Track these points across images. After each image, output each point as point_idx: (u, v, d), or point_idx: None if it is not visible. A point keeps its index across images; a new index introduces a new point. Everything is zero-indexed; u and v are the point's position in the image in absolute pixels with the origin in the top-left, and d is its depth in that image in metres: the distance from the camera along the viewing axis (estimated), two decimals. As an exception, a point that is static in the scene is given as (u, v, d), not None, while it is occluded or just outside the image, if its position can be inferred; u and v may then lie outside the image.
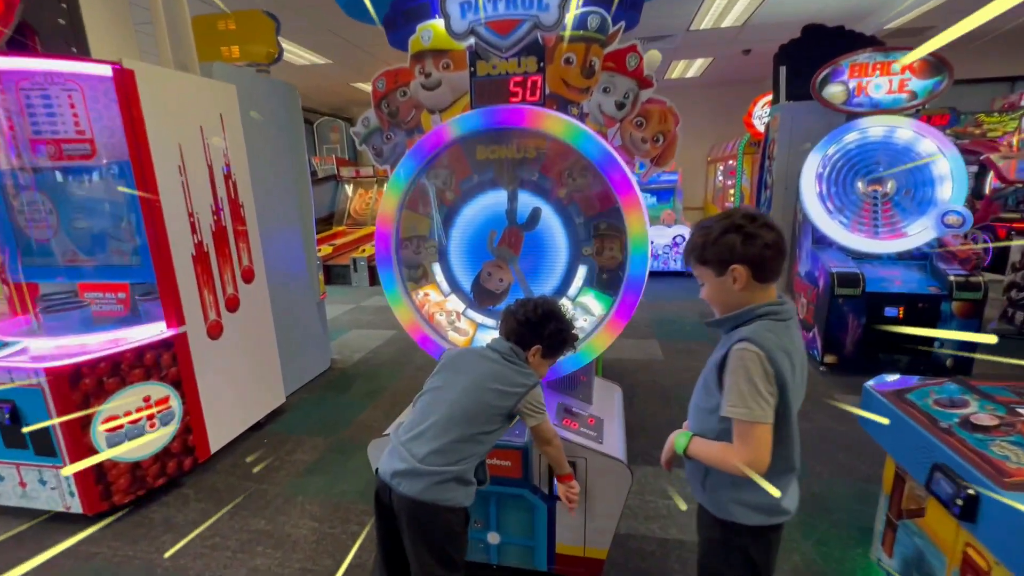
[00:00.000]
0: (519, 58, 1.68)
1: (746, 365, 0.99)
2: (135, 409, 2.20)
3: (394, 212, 1.81)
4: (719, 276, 1.06)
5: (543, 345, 1.37)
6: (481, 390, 1.29)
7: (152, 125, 2.19)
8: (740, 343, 1.01)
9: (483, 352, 1.38)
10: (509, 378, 1.31)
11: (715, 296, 1.10)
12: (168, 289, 2.32)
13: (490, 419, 1.29)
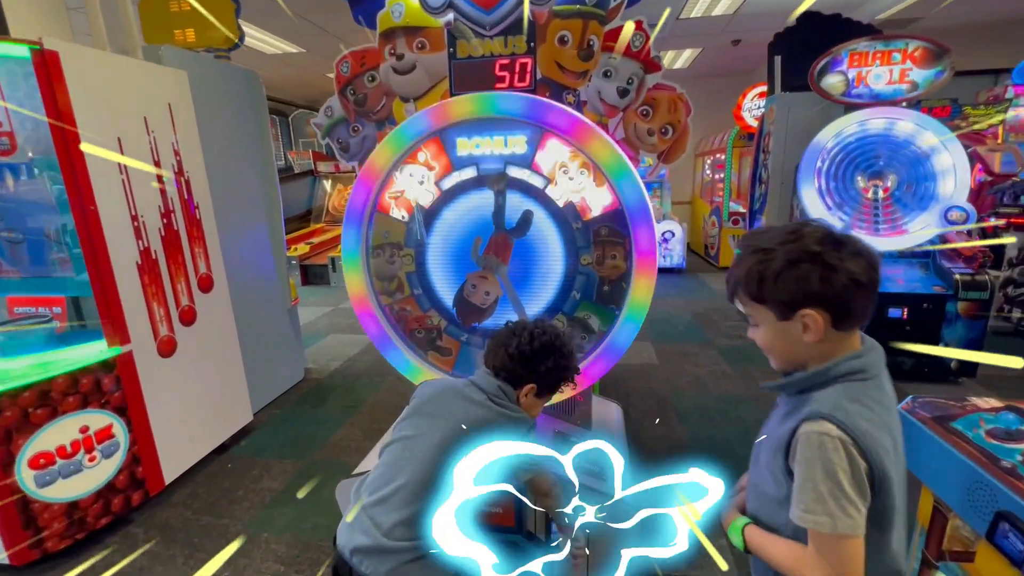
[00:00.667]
0: (506, 37, 1.45)
1: (825, 456, 0.72)
2: (70, 442, 1.92)
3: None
4: (782, 320, 0.78)
5: (538, 383, 1.15)
6: (462, 443, 1.06)
7: (84, 116, 1.90)
8: (814, 422, 0.74)
9: (465, 391, 1.14)
10: (497, 426, 1.09)
11: (774, 345, 0.83)
12: (108, 303, 2.03)
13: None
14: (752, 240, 0.81)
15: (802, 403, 0.79)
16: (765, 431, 0.92)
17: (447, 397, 1.14)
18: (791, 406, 0.83)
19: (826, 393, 0.77)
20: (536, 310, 1.59)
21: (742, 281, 0.80)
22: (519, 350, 1.13)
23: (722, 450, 2.60)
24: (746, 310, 0.84)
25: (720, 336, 4.37)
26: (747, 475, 1.04)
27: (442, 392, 1.17)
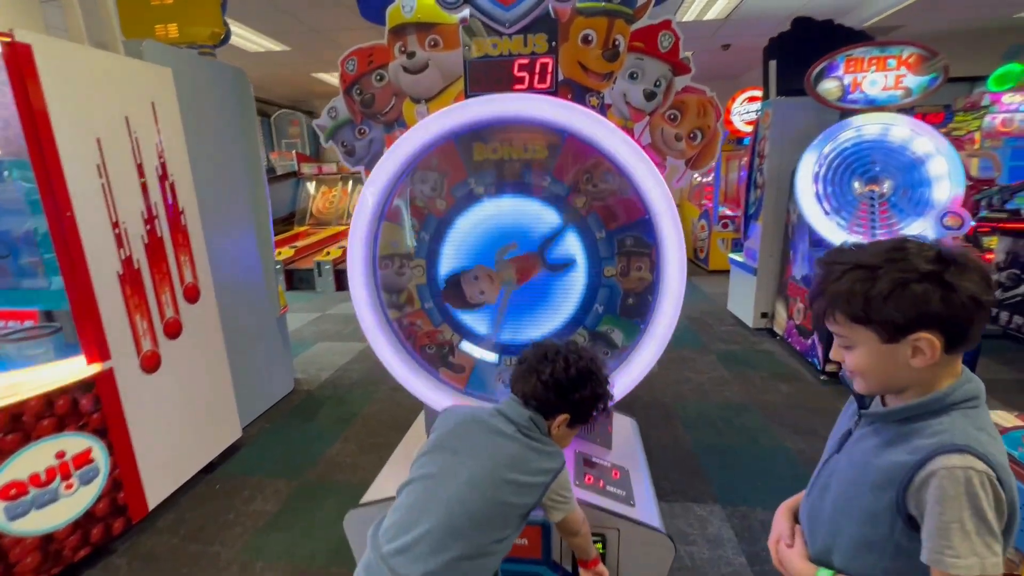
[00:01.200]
0: (525, 35, 1.36)
1: (972, 492, 0.65)
2: (45, 470, 1.77)
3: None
4: (887, 343, 0.71)
5: (572, 413, 1.06)
6: (494, 483, 0.95)
7: (59, 115, 1.76)
8: (954, 455, 0.67)
9: (493, 423, 1.04)
10: (531, 463, 0.99)
11: (872, 368, 0.75)
12: (87, 317, 1.88)
13: (506, 522, 0.96)
14: (846, 257, 0.74)
15: (909, 433, 0.73)
16: (846, 462, 0.83)
17: (473, 429, 1.04)
18: (890, 436, 0.76)
19: (948, 422, 0.71)
20: (556, 324, 1.50)
21: (841, 300, 0.73)
22: (554, 377, 1.03)
23: (730, 459, 2.55)
24: (840, 331, 0.76)
25: (716, 340, 4.35)
26: (801, 514, 0.97)
27: (467, 423, 1.06)
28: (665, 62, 1.36)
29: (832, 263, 0.75)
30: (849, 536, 0.79)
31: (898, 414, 0.76)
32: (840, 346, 0.79)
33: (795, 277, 3.92)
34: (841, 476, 0.83)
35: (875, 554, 0.75)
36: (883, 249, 0.71)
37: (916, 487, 0.70)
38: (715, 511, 2.18)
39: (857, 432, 0.84)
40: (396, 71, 1.47)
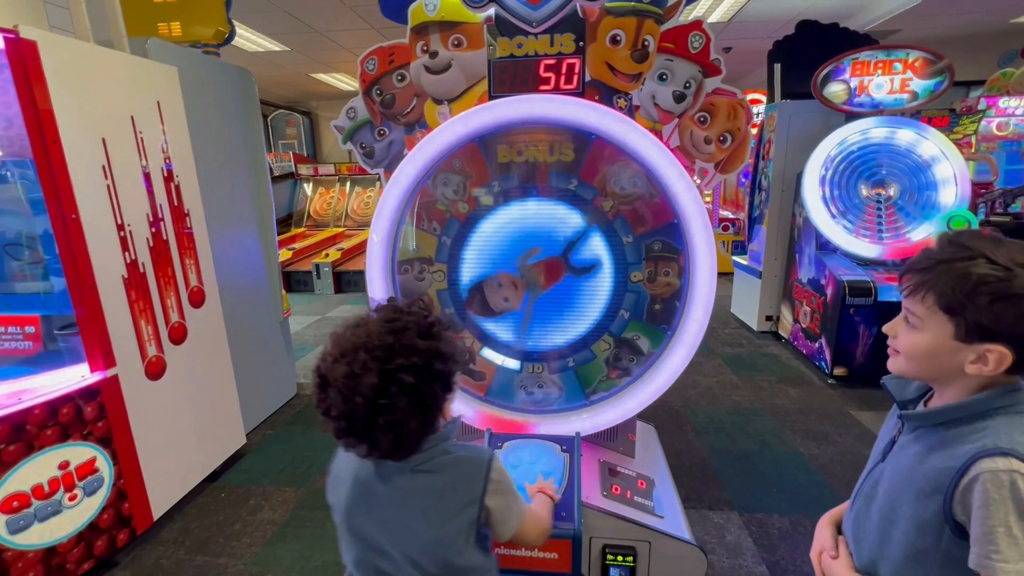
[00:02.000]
0: (552, 35, 1.33)
1: (1018, 495, 0.64)
2: (48, 480, 1.71)
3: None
4: (959, 340, 0.69)
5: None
6: (426, 551, 0.81)
7: (64, 114, 1.70)
8: (997, 458, 0.66)
9: (371, 478, 0.83)
10: (451, 494, 0.82)
11: (929, 356, 0.73)
12: (92, 322, 1.82)
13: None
14: (976, 244, 0.68)
15: (953, 438, 0.71)
16: (891, 471, 0.80)
17: (361, 500, 0.83)
18: (933, 441, 0.74)
19: (993, 425, 0.69)
20: (581, 330, 1.47)
21: (947, 285, 0.68)
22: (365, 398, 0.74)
23: (744, 465, 2.53)
24: (918, 310, 0.73)
25: (721, 344, 4.34)
26: (845, 525, 0.94)
27: (352, 497, 0.84)
28: (695, 63, 1.33)
29: (962, 245, 0.70)
30: (897, 546, 0.76)
31: (939, 416, 0.74)
32: (908, 323, 0.75)
33: (801, 280, 3.91)
34: (886, 486, 0.80)
35: (924, 565, 0.72)
36: (1017, 255, 0.67)
37: (961, 492, 0.68)
38: (732, 518, 2.15)
39: (901, 439, 0.82)
40: (418, 71, 1.43)
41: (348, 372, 0.74)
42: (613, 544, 1.27)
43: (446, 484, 0.81)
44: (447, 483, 0.81)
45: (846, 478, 2.41)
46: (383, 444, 0.76)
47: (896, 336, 0.77)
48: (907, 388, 0.85)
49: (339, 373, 0.75)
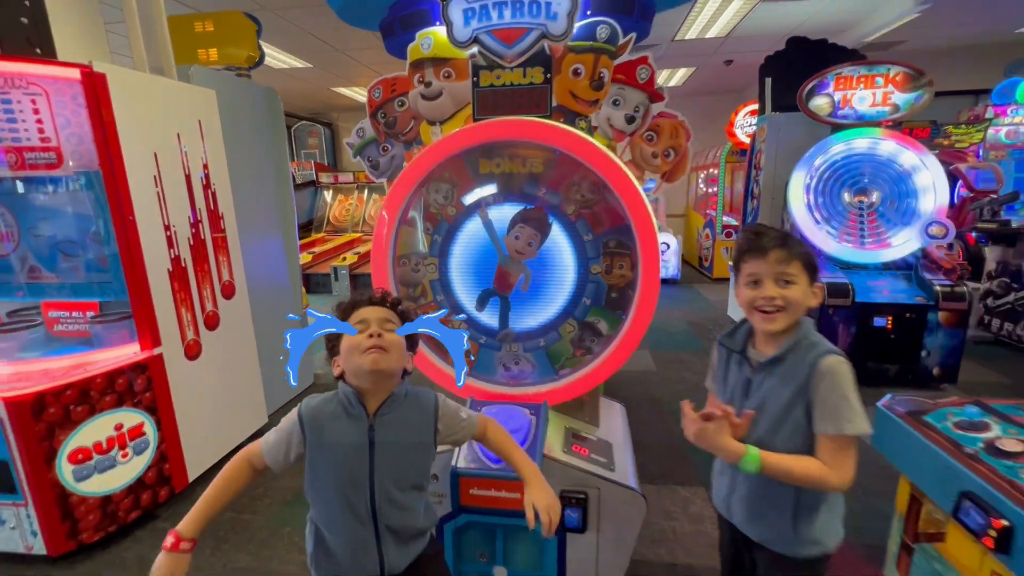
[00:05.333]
0: (524, 68, 1.61)
1: (848, 378, 0.99)
2: (106, 439, 2.03)
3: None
4: (809, 286, 1.05)
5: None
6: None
7: (125, 133, 2.05)
8: (830, 356, 1.01)
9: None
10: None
11: (800, 302, 1.04)
12: (143, 308, 2.16)
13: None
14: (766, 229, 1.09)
15: (796, 360, 1.03)
16: (761, 393, 1.10)
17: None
18: (784, 369, 1.05)
19: (813, 339, 1.04)
20: (551, 314, 1.73)
21: (803, 251, 1.06)
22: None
23: (718, 451, 2.74)
24: (790, 271, 1.04)
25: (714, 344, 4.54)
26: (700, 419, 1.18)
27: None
28: (643, 91, 1.60)
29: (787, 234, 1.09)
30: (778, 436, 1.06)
31: (786, 351, 1.05)
32: (783, 283, 1.04)
33: (788, 283, 4.09)
34: (771, 407, 1.07)
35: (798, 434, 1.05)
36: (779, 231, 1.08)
37: (813, 384, 1.00)
38: (698, 492, 2.38)
39: (757, 378, 1.11)
40: (415, 98, 1.73)
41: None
42: (569, 489, 1.52)
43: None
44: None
45: (811, 462, 2.61)
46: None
47: (778, 296, 1.04)
48: (736, 341, 1.17)
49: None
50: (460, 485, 1.51)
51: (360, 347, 1.01)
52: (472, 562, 1.65)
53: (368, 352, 1.00)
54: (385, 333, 1.03)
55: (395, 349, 1.04)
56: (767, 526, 1.13)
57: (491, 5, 1.55)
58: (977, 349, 4.23)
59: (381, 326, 1.04)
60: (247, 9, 4.06)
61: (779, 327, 1.05)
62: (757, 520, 1.14)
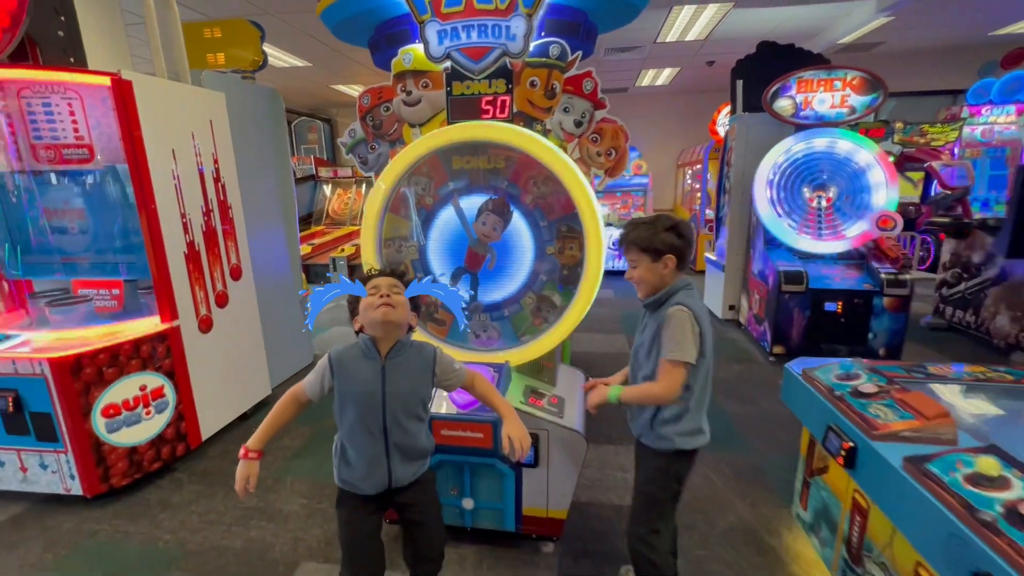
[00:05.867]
0: (490, 80, 1.92)
1: (682, 321, 1.34)
2: (132, 397, 2.35)
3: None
4: (654, 262, 1.40)
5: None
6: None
7: (148, 132, 2.35)
8: (674, 307, 1.36)
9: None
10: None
11: (647, 276, 1.42)
12: (163, 285, 2.47)
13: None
14: (635, 222, 1.42)
15: (661, 308, 1.39)
16: (643, 333, 1.50)
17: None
18: (655, 315, 1.42)
19: (676, 298, 1.38)
20: (512, 289, 2.04)
21: (637, 239, 1.39)
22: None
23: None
24: (633, 257, 1.41)
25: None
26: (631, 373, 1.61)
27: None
28: (588, 100, 1.90)
29: (629, 224, 1.42)
30: (643, 365, 1.49)
31: (656, 301, 1.43)
32: (632, 266, 1.43)
33: (754, 272, 4.41)
34: (643, 346, 1.49)
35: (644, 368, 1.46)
36: (650, 218, 1.37)
37: (662, 326, 1.37)
38: (651, 451, 2.69)
39: (645, 321, 1.50)
40: (398, 104, 2.03)
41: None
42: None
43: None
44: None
45: (755, 428, 2.93)
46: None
47: (630, 277, 1.46)
48: (647, 300, 1.48)
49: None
50: (432, 427, 1.82)
51: (373, 305, 1.31)
52: (445, 495, 1.97)
53: (379, 308, 1.30)
54: (393, 295, 1.34)
55: (401, 306, 1.34)
56: (638, 425, 1.55)
57: (461, 27, 1.85)
58: (931, 335, 4.55)
59: (389, 289, 1.35)
60: (251, 14, 4.35)
61: (642, 295, 1.48)
62: (634, 421, 1.57)
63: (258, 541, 2.09)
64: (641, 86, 8.42)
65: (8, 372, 2.15)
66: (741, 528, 2.11)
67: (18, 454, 2.27)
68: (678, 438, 1.44)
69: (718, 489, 2.38)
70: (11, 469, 2.30)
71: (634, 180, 8.03)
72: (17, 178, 2.32)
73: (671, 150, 9.28)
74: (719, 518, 2.18)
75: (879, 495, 1.38)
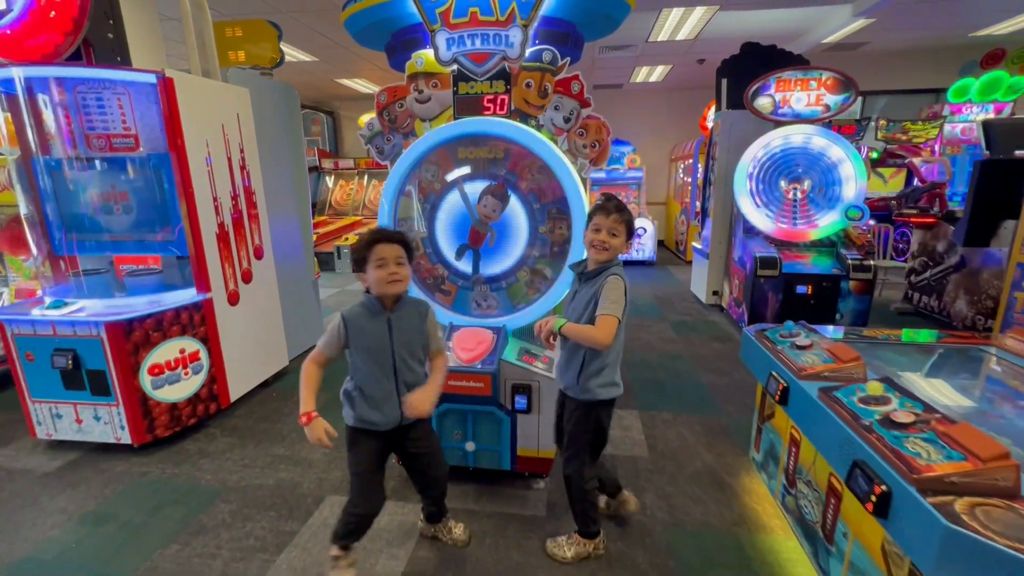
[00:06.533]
0: (491, 81, 2.22)
1: (617, 286, 1.66)
2: (173, 359, 2.66)
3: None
4: (625, 240, 1.71)
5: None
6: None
7: (187, 124, 2.64)
8: (612, 276, 1.68)
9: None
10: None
11: (618, 246, 1.69)
12: (199, 260, 2.77)
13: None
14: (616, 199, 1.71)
15: (599, 278, 1.68)
16: (577, 299, 1.76)
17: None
18: (593, 282, 1.71)
19: (614, 269, 1.68)
20: (509, 264, 2.35)
21: (628, 220, 1.68)
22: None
23: (654, 386, 3.39)
24: (616, 227, 1.67)
25: (674, 313, 5.18)
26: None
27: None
28: (575, 99, 2.20)
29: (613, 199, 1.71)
30: (579, 318, 1.74)
31: (600, 270, 1.71)
32: (612, 234, 1.67)
33: (734, 259, 4.73)
34: (580, 303, 1.75)
35: (583, 319, 1.72)
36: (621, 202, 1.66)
37: (599, 289, 1.65)
38: (632, 413, 3.03)
39: (581, 288, 1.78)
40: (411, 102, 2.33)
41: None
42: (518, 383, 2.16)
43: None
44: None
45: (727, 395, 3.26)
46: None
47: (607, 241, 1.68)
48: (579, 267, 1.79)
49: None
50: (441, 378, 2.14)
51: (384, 280, 1.59)
52: (450, 439, 2.29)
53: (390, 284, 1.59)
54: (399, 268, 1.61)
55: (406, 277, 1.64)
56: (566, 380, 1.80)
57: (466, 36, 2.15)
58: (898, 319, 4.89)
59: (396, 263, 1.62)
60: (264, 12, 4.63)
61: (604, 258, 1.71)
62: (563, 377, 1.82)
63: (288, 480, 2.41)
64: (635, 82, 8.70)
65: (68, 334, 2.46)
66: (706, 472, 2.44)
67: (74, 407, 2.58)
68: (599, 389, 1.73)
69: (689, 443, 2.71)
70: (68, 420, 2.61)
71: (628, 174, 8.33)
72: (73, 163, 2.61)
73: (664, 144, 9.58)
74: (687, 464, 2.51)
75: (804, 423, 1.70)
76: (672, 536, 2.01)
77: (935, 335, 2.26)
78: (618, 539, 1.99)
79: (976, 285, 4.14)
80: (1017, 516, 1.02)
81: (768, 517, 2.07)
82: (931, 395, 1.71)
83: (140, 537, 2.05)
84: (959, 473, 1.09)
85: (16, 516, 2.18)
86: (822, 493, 1.67)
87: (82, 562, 1.92)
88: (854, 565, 1.46)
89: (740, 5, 5.19)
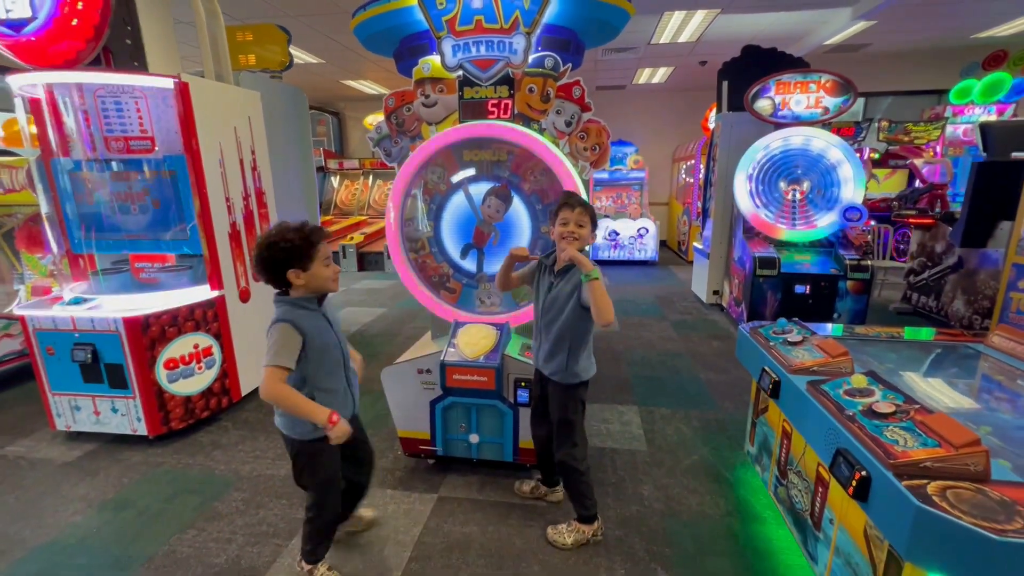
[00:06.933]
0: (495, 87, 2.30)
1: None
2: (188, 354, 2.76)
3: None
4: (591, 231, 1.81)
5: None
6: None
7: (201, 126, 2.73)
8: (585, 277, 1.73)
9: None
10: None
11: (586, 237, 1.78)
12: (212, 258, 2.87)
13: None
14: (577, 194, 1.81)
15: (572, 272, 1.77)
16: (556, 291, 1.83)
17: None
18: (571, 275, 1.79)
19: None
20: (512, 262, 2.44)
21: (592, 212, 1.77)
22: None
23: (654, 383, 3.47)
24: (582, 219, 1.76)
25: (674, 312, 5.25)
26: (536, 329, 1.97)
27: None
28: (576, 104, 2.28)
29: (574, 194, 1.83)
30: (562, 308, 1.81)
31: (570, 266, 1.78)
32: (579, 225, 1.75)
33: (734, 259, 4.80)
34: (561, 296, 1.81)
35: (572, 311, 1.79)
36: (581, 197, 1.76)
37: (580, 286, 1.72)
38: (632, 408, 3.11)
39: (558, 283, 1.84)
40: (418, 106, 2.41)
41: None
42: (520, 377, 2.24)
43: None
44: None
45: (724, 391, 3.33)
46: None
47: (576, 231, 1.75)
48: (549, 259, 1.88)
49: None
50: (446, 372, 2.23)
51: (331, 277, 1.61)
52: (455, 432, 2.38)
53: (335, 280, 1.63)
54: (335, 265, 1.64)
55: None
56: (553, 367, 1.88)
57: (471, 43, 2.23)
58: (897, 319, 4.95)
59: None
60: (273, 15, 4.72)
61: (578, 246, 1.77)
62: (550, 361, 1.89)
63: (298, 471, 2.50)
64: (638, 83, 8.76)
65: (87, 328, 2.56)
66: (702, 464, 2.52)
67: (93, 400, 2.68)
68: (583, 372, 1.86)
69: (686, 437, 2.79)
70: (86, 412, 2.71)
71: (631, 174, 8.40)
72: (92, 164, 2.70)
73: (667, 145, 9.64)
74: (685, 457, 2.59)
75: (794, 415, 1.78)
76: (668, 525, 2.09)
77: (931, 333, 2.33)
78: (616, 527, 2.07)
79: (973, 286, 4.19)
80: (985, 498, 1.10)
81: (761, 507, 2.15)
82: (922, 389, 1.79)
83: (158, 523, 2.14)
84: (933, 458, 1.17)
85: (39, 503, 2.28)
86: (811, 482, 1.74)
87: (104, 546, 2.01)
88: (839, 549, 1.54)
89: (740, 8, 5.26)
